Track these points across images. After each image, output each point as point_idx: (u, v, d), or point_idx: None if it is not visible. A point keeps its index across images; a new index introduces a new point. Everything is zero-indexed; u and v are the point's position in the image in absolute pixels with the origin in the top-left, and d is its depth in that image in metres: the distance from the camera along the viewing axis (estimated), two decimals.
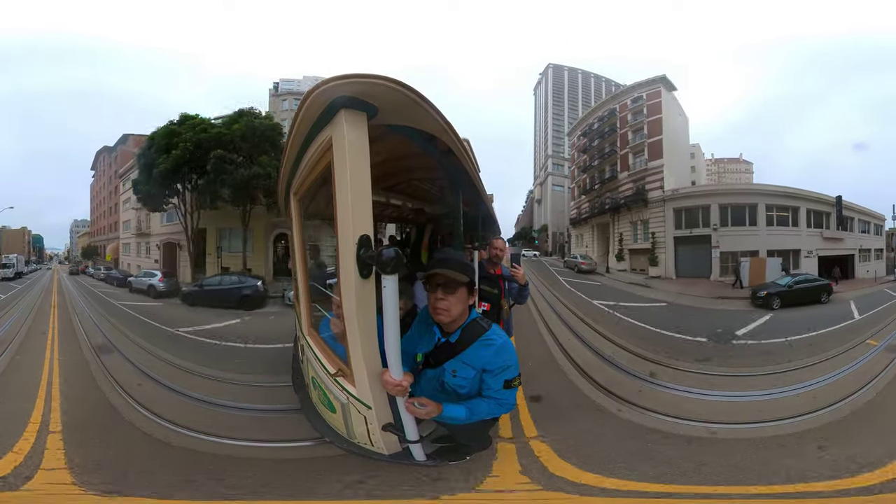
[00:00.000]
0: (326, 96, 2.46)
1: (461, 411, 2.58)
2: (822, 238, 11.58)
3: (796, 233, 11.52)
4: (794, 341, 7.60)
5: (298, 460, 3.75)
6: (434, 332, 2.74)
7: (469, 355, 2.62)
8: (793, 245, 11.43)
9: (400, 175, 5.00)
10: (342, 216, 2.57)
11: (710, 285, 11.35)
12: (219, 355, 7.00)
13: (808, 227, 11.59)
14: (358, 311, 2.58)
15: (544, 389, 5.17)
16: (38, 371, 6.08)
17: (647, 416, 4.70)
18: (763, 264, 10.94)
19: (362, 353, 2.64)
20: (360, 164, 2.54)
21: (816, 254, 11.50)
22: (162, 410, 4.67)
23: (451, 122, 3.17)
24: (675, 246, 11.59)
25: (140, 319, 9.10)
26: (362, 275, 2.52)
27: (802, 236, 11.51)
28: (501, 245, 4.36)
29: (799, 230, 11.47)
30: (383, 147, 3.47)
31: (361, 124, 2.58)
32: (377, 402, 2.73)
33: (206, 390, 5.27)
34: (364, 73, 2.39)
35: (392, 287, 2.42)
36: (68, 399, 5.08)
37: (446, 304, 2.53)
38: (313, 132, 2.87)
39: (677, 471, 3.60)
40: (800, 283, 10.44)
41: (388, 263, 2.33)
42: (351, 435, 3.05)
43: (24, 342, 7.66)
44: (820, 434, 4.17)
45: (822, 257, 11.58)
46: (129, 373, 5.95)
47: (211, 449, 4.00)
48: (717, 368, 6.49)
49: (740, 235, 11.41)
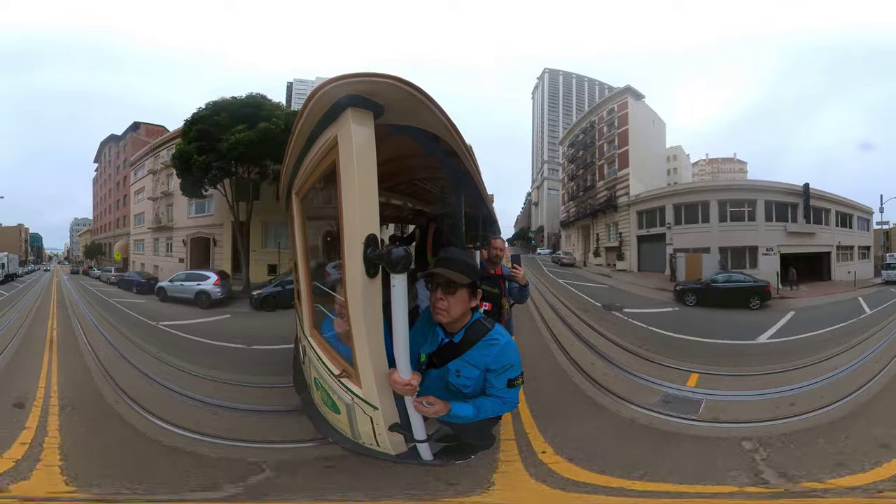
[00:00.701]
0: (333, 94, 2.44)
1: (469, 409, 2.58)
2: (786, 233, 10.94)
3: (752, 228, 10.96)
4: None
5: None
6: (437, 332, 2.73)
7: (473, 355, 2.61)
8: (750, 241, 10.92)
9: (402, 175, 4.98)
10: (348, 215, 2.54)
11: (661, 278, 11.77)
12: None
13: (767, 221, 10.95)
14: (365, 312, 2.55)
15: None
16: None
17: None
18: (699, 260, 10.95)
19: (369, 354, 2.62)
20: (366, 163, 2.51)
21: (778, 250, 10.84)
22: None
23: (455, 124, 3.18)
24: (638, 244, 12.46)
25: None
26: (369, 274, 2.49)
27: (760, 231, 10.90)
28: (501, 245, 4.41)
29: (756, 224, 10.91)
30: (386, 147, 3.45)
31: (368, 123, 2.55)
32: (384, 402, 2.71)
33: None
34: (372, 72, 2.37)
35: (401, 286, 2.40)
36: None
37: (445, 304, 2.52)
38: (317, 131, 2.84)
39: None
40: (722, 283, 9.90)
41: (398, 262, 2.31)
42: (356, 435, 3.03)
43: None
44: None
45: (788, 255, 10.91)
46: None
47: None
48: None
49: (694, 233, 11.56)
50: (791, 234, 10.92)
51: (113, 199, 14.23)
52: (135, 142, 13.35)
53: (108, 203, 14.53)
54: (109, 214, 14.41)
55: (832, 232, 11.51)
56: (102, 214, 14.80)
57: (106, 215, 14.57)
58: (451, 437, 3.15)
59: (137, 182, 13.13)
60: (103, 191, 14.73)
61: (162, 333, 7.90)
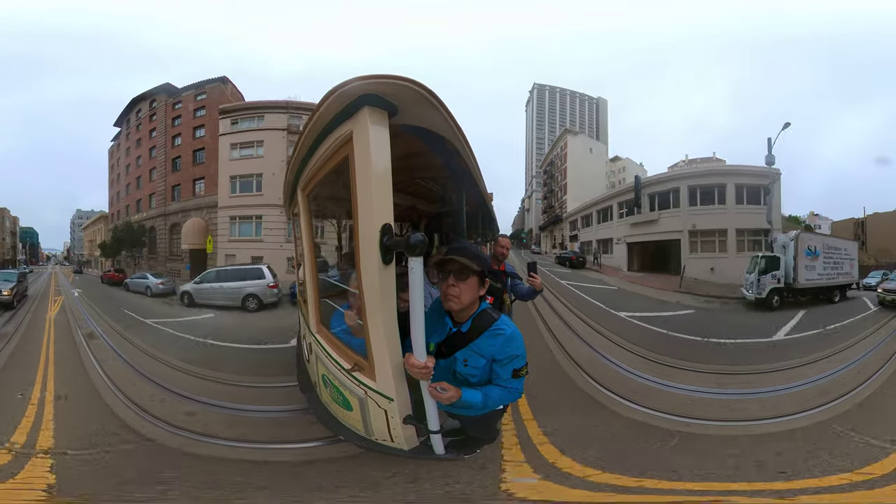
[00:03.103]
0: (352, 93, 2.50)
1: (478, 396, 2.64)
2: (630, 225, 12.66)
3: (608, 225, 13.96)
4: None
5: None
6: (446, 322, 2.79)
7: (480, 345, 2.68)
8: (608, 235, 13.77)
9: (406, 173, 5.03)
10: (363, 206, 2.61)
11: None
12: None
13: (619, 218, 13.38)
14: (382, 301, 2.61)
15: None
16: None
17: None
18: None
19: (386, 343, 2.67)
20: (382, 157, 2.59)
21: (625, 241, 12.74)
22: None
23: (461, 127, 3.28)
24: (570, 242, 16.52)
25: None
26: (385, 262, 2.56)
27: (614, 226, 13.57)
28: (507, 243, 4.59)
29: (611, 223, 13.77)
30: (394, 145, 3.52)
31: (383, 121, 2.64)
32: (399, 393, 2.76)
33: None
34: (390, 74, 2.47)
35: (419, 269, 2.46)
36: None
37: (457, 290, 2.59)
38: (330, 127, 2.89)
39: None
40: (562, 254, 13.76)
41: (416, 246, 2.39)
42: (369, 432, 3.06)
43: None
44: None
45: (633, 244, 12.44)
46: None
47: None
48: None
49: (588, 232, 15.18)
50: (633, 224, 12.66)
51: (161, 162, 9.78)
52: (220, 92, 10.04)
53: (142, 171, 9.97)
54: (148, 186, 9.83)
55: (682, 216, 11.68)
56: (131, 187, 10.10)
57: (139, 187, 9.97)
58: (458, 431, 3.21)
59: (233, 134, 9.31)
60: (131, 156, 10.24)
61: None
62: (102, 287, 9.14)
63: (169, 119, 10.37)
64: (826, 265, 10.53)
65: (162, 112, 10.44)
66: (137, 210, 10.40)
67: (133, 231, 9.67)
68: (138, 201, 10.45)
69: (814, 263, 10.31)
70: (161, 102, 10.58)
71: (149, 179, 10.29)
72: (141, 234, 9.70)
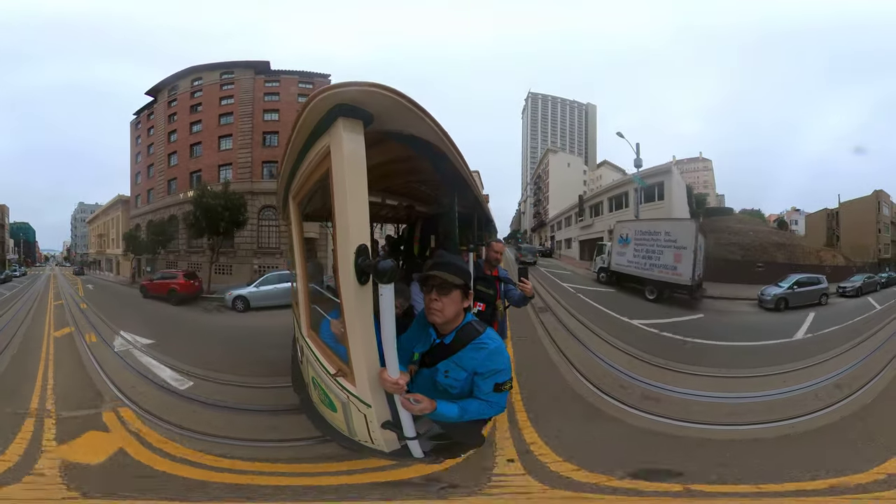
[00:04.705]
0: (325, 104, 2.53)
1: (454, 409, 2.67)
2: (580, 227, 17.07)
3: (569, 228, 18.20)
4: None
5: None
6: (430, 332, 2.82)
7: (461, 357, 2.70)
8: (567, 235, 18.29)
9: (397, 177, 5.06)
10: (340, 226, 2.66)
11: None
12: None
13: (575, 223, 17.66)
14: (357, 316, 2.68)
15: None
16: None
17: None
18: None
19: (363, 354, 2.74)
20: (357, 174, 2.62)
21: (577, 239, 17.12)
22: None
23: (444, 128, 3.25)
24: (548, 240, 20.30)
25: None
26: (360, 282, 2.62)
27: (572, 229, 17.84)
28: (500, 248, 4.50)
29: (571, 227, 18.03)
30: (381, 151, 3.54)
31: (358, 131, 2.64)
32: (376, 400, 2.82)
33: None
34: (357, 81, 2.45)
35: (388, 295, 2.51)
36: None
37: (440, 304, 2.62)
38: (311, 139, 2.92)
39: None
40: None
41: (384, 274, 2.43)
42: (352, 433, 3.14)
43: None
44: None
45: (583, 241, 16.60)
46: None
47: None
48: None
49: (561, 231, 18.96)
50: (581, 227, 17.13)
51: (247, 132, 7.67)
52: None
53: (202, 138, 7.83)
54: (212, 156, 7.69)
55: (604, 220, 15.70)
56: (180, 157, 7.65)
57: (192, 158, 7.76)
58: (442, 436, 3.25)
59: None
60: (179, 118, 7.98)
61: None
62: (153, 306, 6.86)
63: (260, 94, 9.33)
64: (637, 253, 11.23)
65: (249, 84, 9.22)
66: (170, 190, 8.09)
67: (224, 204, 6.85)
68: (194, 173, 8.18)
69: (624, 250, 11.66)
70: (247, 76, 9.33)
71: (217, 149, 8.34)
72: (241, 206, 7.44)
